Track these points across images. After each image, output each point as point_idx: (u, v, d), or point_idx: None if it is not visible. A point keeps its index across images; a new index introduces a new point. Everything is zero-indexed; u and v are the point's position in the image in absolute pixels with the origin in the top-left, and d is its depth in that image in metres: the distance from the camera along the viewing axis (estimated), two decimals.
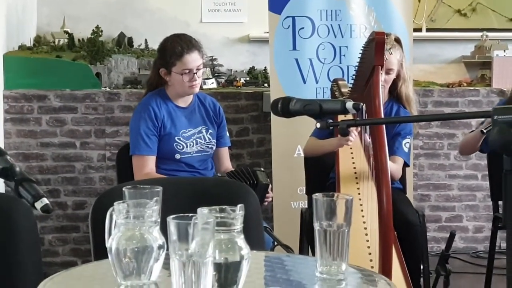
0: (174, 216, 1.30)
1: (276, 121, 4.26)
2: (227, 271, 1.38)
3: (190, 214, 1.31)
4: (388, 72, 3.43)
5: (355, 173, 3.27)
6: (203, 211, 1.37)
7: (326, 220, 1.50)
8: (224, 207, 1.40)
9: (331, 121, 1.66)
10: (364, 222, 3.02)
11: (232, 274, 1.38)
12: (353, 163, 3.30)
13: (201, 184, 2.46)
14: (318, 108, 1.66)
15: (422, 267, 3.39)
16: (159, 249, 1.42)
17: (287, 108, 1.74)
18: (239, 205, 1.41)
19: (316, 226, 1.52)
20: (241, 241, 1.41)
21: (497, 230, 3.63)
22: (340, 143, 3.22)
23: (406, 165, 3.53)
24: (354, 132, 3.13)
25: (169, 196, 2.02)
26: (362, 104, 1.70)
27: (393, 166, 3.33)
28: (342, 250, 1.49)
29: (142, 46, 5.47)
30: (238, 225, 1.40)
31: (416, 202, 5.06)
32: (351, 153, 3.36)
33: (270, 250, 2.98)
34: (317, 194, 1.52)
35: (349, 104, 1.65)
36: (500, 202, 3.73)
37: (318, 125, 1.67)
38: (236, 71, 5.58)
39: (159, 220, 1.48)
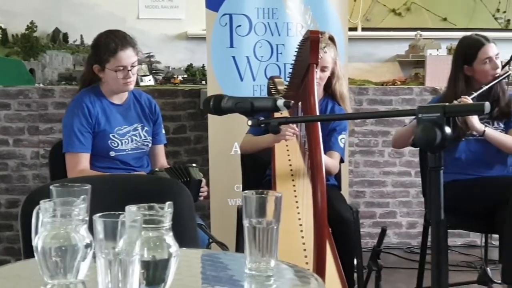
0: (100, 214, 1.29)
1: (213, 118, 4.26)
2: (155, 269, 1.37)
3: (118, 212, 1.30)
4: (323, 69, 3.47)
5: (291, 170, 3.28)
6: (131, 208, 1.36)
7: (256, 217, 1.51)
8: (152, 204, 1.40)
9: (262, 118, 1.68)
10: (299, 219, 3.04)
11: (160, 272, 1.37)
12: (289, 160, 3.32)
13: (134, 182, 2.44)
14: (250, 106, 1.67)
15: (356, 262, 3.43)
16: (86, 247, 1.40)
17: (219, 105, 1.74)
18: (167, 203, 1.40)
19: (246, 223, 1.52)
20: (169, 238, 1.41)
21: (429, 225, 3.70)
22: (276, 139, 3.24)
23: (341, 160, 3.57)
24: (294, 128, 3.15)
25: (101, 194, 2.00)
26: (292, 102, 1.71)
27: (330, 161, 3.38)
28: (271, 246, 1.50)
29: (78, 42, 5.41)
30: (167, 222, 1.40)
31: (351, 199, 5.12)
32: (287, 150, 3.38)
33: (205, 247, 2.98)
34: (246, 191, 1.52)
35: (280, 102, 1.66)
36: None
37: (250, 122, 1.68)
38: (174, 68, 5.56)
39: (87, 218, 1.47)
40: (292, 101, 1.72)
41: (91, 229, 1.39)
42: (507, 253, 3.12)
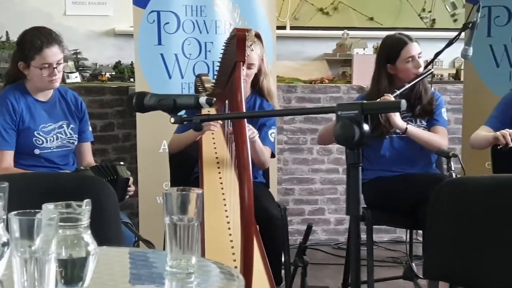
0: (16, 212, 1.27)
1: (141, 116, 4.22)
2: (73, 267, 1.35)
3: (34, 210, 1.28)
4: (249, 67, 3.48)
5: (218, 167, 3.29)
6: (48, 206, 1.35)
7: (177, 214, 1.50)
8: (70, 202, 1.38)
9: (185, 116, 1.67)
10: (227, 217, 3.05)
11: (78, 270, 1.36)
12: (216, 158, 3.33)
13: (56, 180, 2.40)
14: (172, 103, 1.66)
15: (283, 259, 3.46)
16: (3, 246, 1.38)
17: (141, 103, 1.73)
18: (85, 200, 1.39)
19: (167, 220, 1.52)
20: (87, 236, 1.39)
21: None
22: (205, 128, 3.26)
23: (272, 155, 3.60)
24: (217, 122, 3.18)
25: (23, 192, 1.97)
26: (214, 99, 1.71)
27: (266, 153, 3.43)
28: (192, 244, 1.50)
29: (3, 39, 5.29)
30: (85, 220, 1.38)
31: (280, 196, 5.16)
32: (215, 148, 3.38)
33: (132, 245, 2.96)
34: (167, 189, 1.52)
35: (203, 99, 1.66)
36: None
37: (172, 120, 1.68)
38: (102, 65, 5.49)
39: (4, 217, 1.44)
40: (214, 99, 1.73)
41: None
42: (427, 249, 3.19)
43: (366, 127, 1.36)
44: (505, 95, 3.69)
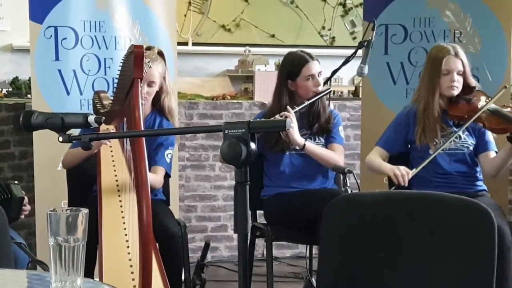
0: None
1: (39, 134, 4.11)
2: None
3: None
4: (150, 85, 3.46)
5: (117, 185, 3.25)
6: None
7: (62, 235, 1.47)
8: None
9: (73, 135, 1.64)
10: (126, 235, 3.02)
11: None
12: (116, 175, 3.29)
13: None
14: (60, 122, 1.63)
15: (184, 277, 3.44)
16: None
17: (28, 121, 1.68)
18: None
19: (51, 241, 1.48)
20: None
21: (255, 238, 3.77)
22: (97, 145, 3.21)
23: (168, 175, 3.58)
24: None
25: None
26: (103, 118, 1.69)
27: (153, 176, 3.39)
28: (77, 264, 1.47)
29: None
30: None
31: (182, 213, 5.13)
32: (114, 165, 3.34)
33: (26, 267, 2.87)
34: (51, 209, 1.48)
35: (91, 118, 1.64)
36: (258, 212, 3.88)
37: (61, 139, 1.64)
38: None
39: None
40: (103, 117, 1.71)
41: None
42: (320, 264, 3.23)
43: (253, 145, 1.37)
44: (398, 114, 3.79)
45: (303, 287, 3.91)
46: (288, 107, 3.59)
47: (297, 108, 3.59)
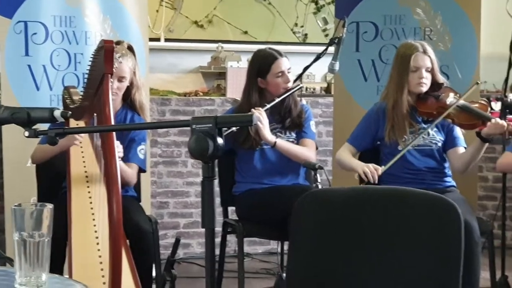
0: None
1: (8, 129, 4.06)
2: None
3: None
4: (120, 80, 3.45)
5: (87, 181, 3.23)
6: None
7: (27, 231, 1.46)
8: None
9: (40, 130, 1.63)
10: (96, 231, 3.00)
11: None
12: (85, 171, 3.27)
13: None
14: (26, 116, 1.62)
15: (155, 273, 3.43)
16: None
17: None
18: None
19: (16, 236, 1.47)
20: None
21: (227, 234, 3.78)
22: (68, 143, 3.19)
23: (142, 170, 3.57)
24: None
25: None
26: (70, 112, 1.68)
27: (130, 172, 3.39)
28: (42, 260, 1.46)
29: None
30: None
31: (154, 210, 5.12)
32: (84, 162, 3.32)
33: None
34: (16, 204, 1.48)
35: (57, 112, 1.63)
36: (230, 208, 3.89)
37: (27, 133, 1.63)
38: None
39: None
40: (70, 112, 1.70)
41: None
42: (290, 260, 3.24)
43: (220, 140, 1.37)
44: (368, 111, 3.82)
45: (275, 283, 3.92)
46: (256, 108, 3.58)
47: (268, 106, 3.59)
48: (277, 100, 3.63)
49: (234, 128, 3.46)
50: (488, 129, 3.48)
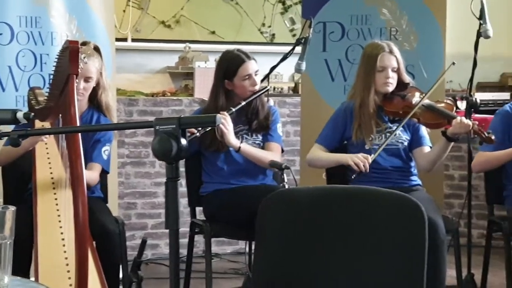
0: None
1: None
2: None
3: None
4: (86, 80, 3.43)
5: (53, 183, 3.21)
6: None
7: None
8: None
9: (2, 131, 1.61)
10: (62, 233, 2.99)
11: None
12: (51, 173, 3.25)
13: None
14: None
15: (122, 275, 3.42)
16: None
17: None
18: None
19: None
20: None
21: (194, 235, 3.77)
22: (33, 141, 3.16)
23: (105, 172, 3.55)
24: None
25: None
26: (32, 114, 1.67)
27: (89, 174, 3.37)
28: (4, 262, 1.44)
29: None
30: None
31: (122, 210, 5.10)
32: (49, 162, 3.29)
33: None
34: None
35: (20, 114, 1.61)
36: (198, 208, 3.88)
37: None
38: None
39: None
40: (32, 113, 1.69)
41: None
42: (256, 259, 3.25)
43: (183, 141, 1.37)
44: (336, 110, 3.84)
45: (243, 282, 3.93)
46: (222, 112, 3.57)
47: (233, 110, 3.58)
48: (243, 103, 3.61)
49: (197, 134, 3.45)
50: (453, 128, 3.52)
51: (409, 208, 2.05)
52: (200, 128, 3.44)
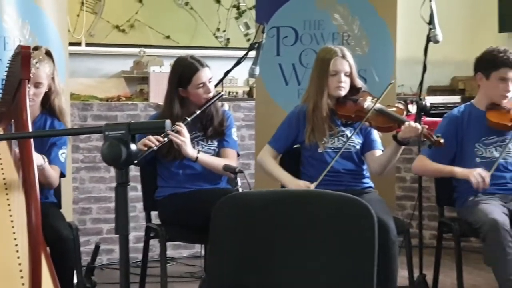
0: None
1: None
2: None
3: None
4: (37, 85, 3.41)
5: (6, 188, 3.18)
6: None
7: None
8: None
9: None
10: (15, 239, 2.96)
11: None
12: (4, 178, 3.22)
13: None
14: None
15: (76, 280, 3.40)
16: None
17: None
18: None
19: None
20: None
21: (149, 239, 3.78)
22: None
23: (62, 175, 3.54)
24: None
25: None
26: None
27: (54, 174, 3.40)
28: None
29: None
30: None
31: (77, 216, 5.06)
32: (2, 168, 3.27)
33: None
34: None
35: None
36: (153, 213, 3.88)
37: None
38: None
39: None
40: None
41: None
42: (208, 263, 3.27)
43: (133, 146, 1.39)
44: (289, 113, 3.89)
45: (199, 286, 3.94)
46: (178, 124, 3.57)
47: (189, 119, 3.58)
48: (198, 112, 3.61)
49: (154, 147, 3.45)
50: (403, 132, 3.58)
51: (358, 210, 2.09)
52: (157, 143, 3.45)
